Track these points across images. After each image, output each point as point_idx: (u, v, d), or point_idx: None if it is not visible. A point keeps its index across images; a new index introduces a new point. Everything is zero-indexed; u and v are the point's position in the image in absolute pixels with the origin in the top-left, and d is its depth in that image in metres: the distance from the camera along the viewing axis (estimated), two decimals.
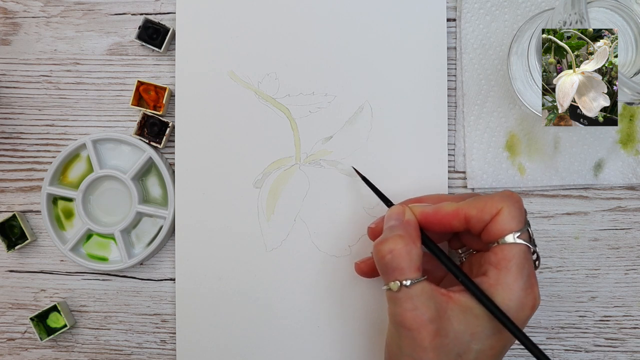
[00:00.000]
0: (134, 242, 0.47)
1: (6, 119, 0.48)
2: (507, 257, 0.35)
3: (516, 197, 0.37)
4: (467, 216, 0.37)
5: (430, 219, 0.38)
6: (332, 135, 0.46)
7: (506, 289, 0.35)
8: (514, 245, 0.36)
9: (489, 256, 0.36)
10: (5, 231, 0.47)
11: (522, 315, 0.35)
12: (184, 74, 0.46)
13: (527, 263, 0.36)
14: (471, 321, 0.35)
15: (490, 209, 0.36)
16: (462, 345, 0.35)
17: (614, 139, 0.45)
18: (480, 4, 0.45)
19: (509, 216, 0.36)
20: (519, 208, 0.37)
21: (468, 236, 0.40)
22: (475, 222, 0.37)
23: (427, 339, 0.35)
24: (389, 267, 0.36)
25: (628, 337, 0.46)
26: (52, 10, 0.47)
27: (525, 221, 0.37)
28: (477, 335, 0.35)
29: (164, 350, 0.48)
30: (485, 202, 0.37)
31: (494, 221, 0.36)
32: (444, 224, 0.38)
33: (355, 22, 0.45)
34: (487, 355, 0.36)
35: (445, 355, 0.35)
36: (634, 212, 0.46)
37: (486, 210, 0.36)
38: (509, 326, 0.35)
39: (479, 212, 0.37)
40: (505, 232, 0.36)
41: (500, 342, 0.36)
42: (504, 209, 0.36)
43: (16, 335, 0.48)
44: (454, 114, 0.46)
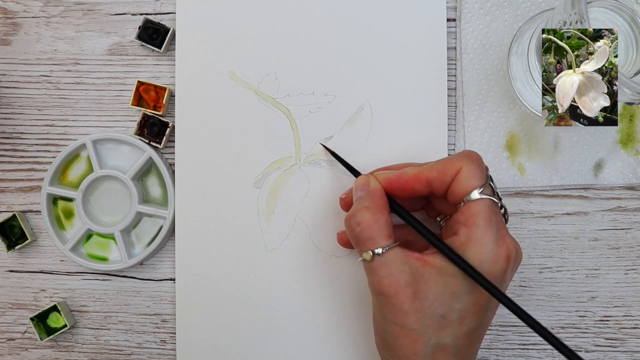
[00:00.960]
0: (134, 242, 0.47)
1: (6, 119, 0.48)
2: (474, 213, 0.35)
3: (474, 154, 0.37)
4: (429, 179, 0.37)
5: (395, 185, 0.39)
6: (332, 135, 0.46)
7: (477, 244, 0.35)
8: (479, 201, 0.36)
9: (457, 216, 0.36)
10: (5, 231, 0.47)
11: (497, 268, 0.35)
12: (184, 74, 0.46)
13: (494, 216, 0.36)
14: (448, 281, 0.35)
15: (450, 169, 0.37)
16: (444, 306, 0.35)
17: (614, 139, 0.45)
18: (480, 4, 0.45)
19: (469, 174, 0.36)
20: (479, 164, 0.37)
21: (439, 201, 0.40)
22: (438, 184, 0.37)
23: (407, 303, 0.35)
24: (360, 239, 0.37)
25: (628, 337, 0.46)
26: (52, 10, 0.47)
27: (486, 176, 0.37)
28: (456, 294, 0.35)
29: (164, 350, 0.48)
30: (445, 164, 0.37)
31: (455, 181, 0.36)
32: (407, 189, 0.38)
33: (355, 22, 0.45)
34: (471, 312, 0.36)
35: (427, 317, 0.35)
36: (634, 212, 0.46)
37: (446, 171, 0.37)
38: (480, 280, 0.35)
39: (439, 173, 0.37)
40: (468, 190, 0.36)
41: (483, 297, 0.36)
42: (463, 167, 0.36)
43: (16, 335, 0.48)
44: (454, 114, 0.46)
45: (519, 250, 0.38)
